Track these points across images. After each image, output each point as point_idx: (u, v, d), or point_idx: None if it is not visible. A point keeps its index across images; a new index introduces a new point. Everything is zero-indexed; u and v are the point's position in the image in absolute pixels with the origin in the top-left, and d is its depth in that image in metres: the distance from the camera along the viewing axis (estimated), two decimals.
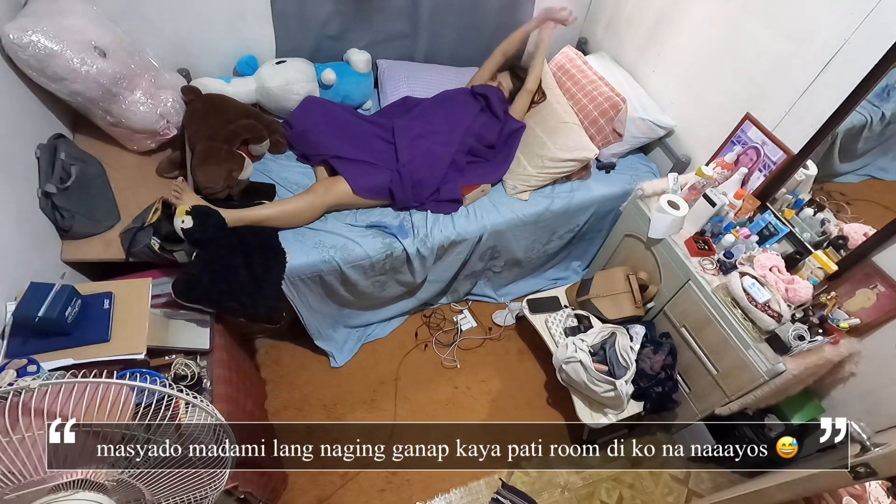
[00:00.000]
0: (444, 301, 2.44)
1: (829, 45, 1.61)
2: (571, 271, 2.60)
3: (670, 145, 2.29)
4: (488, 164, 2.18)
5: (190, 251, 1.62)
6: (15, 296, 1.32)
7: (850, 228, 1.68)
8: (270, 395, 2.05)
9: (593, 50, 2.61)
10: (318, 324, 2.08)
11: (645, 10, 2.27)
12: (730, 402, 1.77)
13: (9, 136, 1.47)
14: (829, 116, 1.64)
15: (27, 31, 1.43)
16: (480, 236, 2.08)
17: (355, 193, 1.91)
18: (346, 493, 1.87)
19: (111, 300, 1.38)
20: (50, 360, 1.24)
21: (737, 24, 1.88)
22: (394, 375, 2.20)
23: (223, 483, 1.04)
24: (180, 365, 1.40)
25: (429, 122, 2.11)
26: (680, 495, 2.05)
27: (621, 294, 2.03)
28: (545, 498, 1.97)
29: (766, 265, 1.68)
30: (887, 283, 1.57)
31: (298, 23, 2.14)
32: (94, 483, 0.88)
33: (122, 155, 1.85)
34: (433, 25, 2.34)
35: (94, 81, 1.56)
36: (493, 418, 2.13)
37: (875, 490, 1.62)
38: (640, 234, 1.99)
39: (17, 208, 1.46)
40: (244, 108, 1.95)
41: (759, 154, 1.89)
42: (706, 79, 2.06)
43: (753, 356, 1.63)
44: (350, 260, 1.86)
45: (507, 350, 2.36)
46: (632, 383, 1.87)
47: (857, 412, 1.73)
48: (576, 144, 2.11)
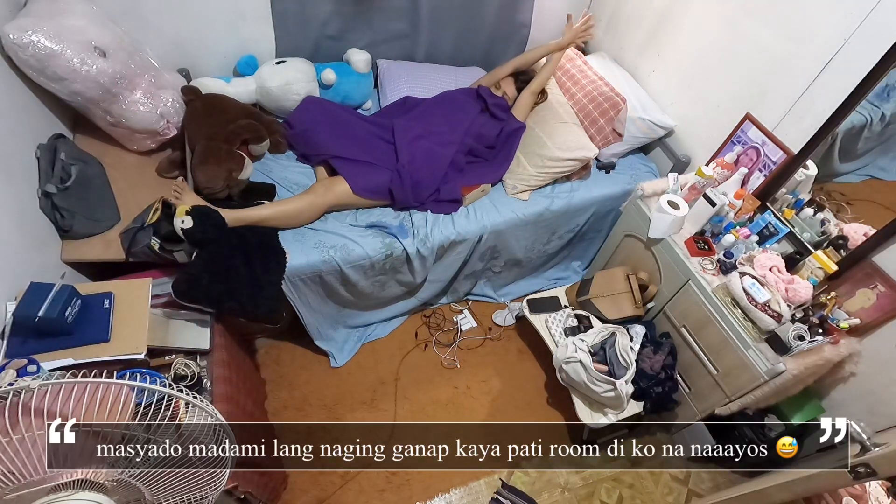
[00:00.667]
0: (444, 301, 2.44)
1: (829, 45, 1.61)
2: (571, 271, 2.60)
3: (670, 145, 2.29)
4: (488, 164, 2.18)
5: (190, 251, 1.62)
6: (15, 296, 1.32)
7: (850, 228, 1.68)
8: (270, 395, 2.05)
9: (593, 50, 2.61)
10: (318, 324, 2.08)
11: (645, 10, 2.27)
12: (730, 402, 1.77)
13: (9, 136, 1.47)
14: (829, 116, 1.64)
15: (27, 31, 1.43)
16: (480, 236, 2.08)
17: (355, 194, 1.91)
18: (346, 493, 1.87)
19: (111, 300, 1.38)
20: (50, 360, 1.24)
21: (737, 24, 1.88)
22: (394, 375, 2.20)
23: (223, 483, 1.04)
24: (180, 365, 1.40)
25: (429, 123, 2.11)
26: (680, 495, 2.05)
27: (621, 294, 2.03)
28: (545, 498, 1.97)
29: (766, 265, 1.68)
30: (887, 283, 1.57)
31: (298, 23, 2.14)
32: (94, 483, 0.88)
33: (122, 155, 1.85)
34: (433, 25, 2.34)
35: (94, 81, 1.56)
36: (493, 418, 2.13)
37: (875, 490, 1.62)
38: (640, 234, 1.99)
39: (18, 208, 1.46)
40: (244, 108, 1.95)
41: (759, 154, 1.89)
42: (706, 79, 2.06)
43: (753, 356, 1.63)
44: (350, 260, 1.86)
45: (507, 350, 2.36)
46: (632, 383, 1.87)
47: (857, 412, 1.73)
48: (575, 144, 2.11)
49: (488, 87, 2.25)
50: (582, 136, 2.16)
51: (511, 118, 2.19)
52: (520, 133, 2.20)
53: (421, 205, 2.03)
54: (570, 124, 2.18)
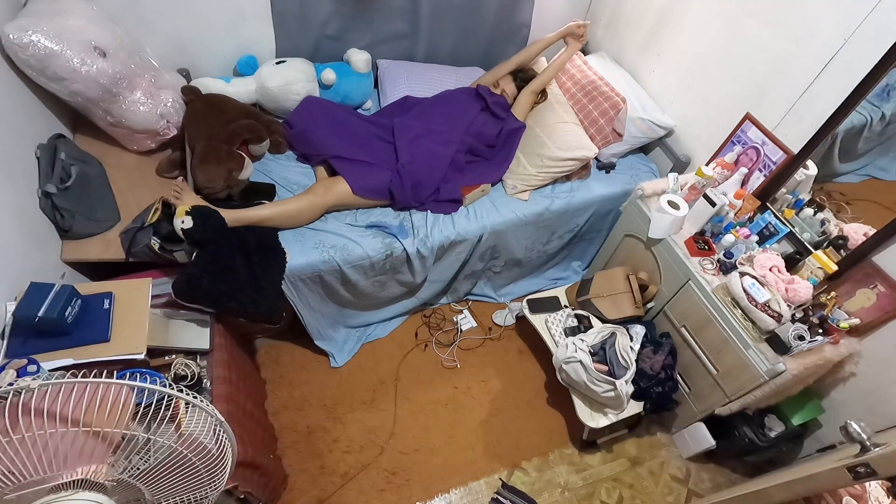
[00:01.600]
0: (444, 301, 2.44)
1: (829, 45, 1.61)
2: (571, 271, 2.60)
3: (670, 145, 2.29)
4: (488, 164, 2.18)
5: (190, 251, 1.62)
6: (15, 296, 1.33)
7: (850, 228, 1.69)
8: (270, 395, 2.05)
9: (593, 50, 2.61)
10: (318, 324, 2.08)
11: (645, 10, 2.27)
12: (730, 402, 1.77)
13: (9, 136, 1.47)
14: (829, 116, 1.64)
15: (27, 31, 1.43)
16: (480, 236, 2.08)
17: (355, 194, 1.91)
18: (346, 493, 1.87)
19: (111, 300, 1.38)
20: (50, 360, 1.24)
21: (737, 24, 1.88)
22: (394, 375, 2.20)
23: (223, 483, 1.04)
24: (180, 365, 1.40)
25: (428, 121, 2.11)
26: (680, 495, 2.05)
27: (621, 294, 2.03)
28: (545, 498, 1.97)
29: (766, 265, 1.68)
30: (887, 283, 1.57)
31: (298, 23, 2.14)
32: (94, 483, 0.88)
33: (122, 155, 1.85)
34: (433, 25, 2.34)
35: (94, 81, 1.56)
36: (493, 418, 2.13)
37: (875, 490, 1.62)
38: (640, 234, 1.99)
39: (18, 208, 1.46)
40: (244, 108, 1.95)
41: (759, 154, 1.89)
42: (706, 79, 2.06)
43: (753, 356, 1.63)
44: (350, 260, 1.86)
45: (507, 350, 2.36)
46: (632, 383, 1.87)
47: (857, 412, 1.73)
48: (575, 143, 2.12)
49: (487, 86, 2.26)
50: (582, 135, 2.16)
51: (511, 117, 2.19)
52: (520, 133, 2.20)
53: (421, 205, 2.03)
54: (570, 124, 2.18)
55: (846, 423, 1.32)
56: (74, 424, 0.82)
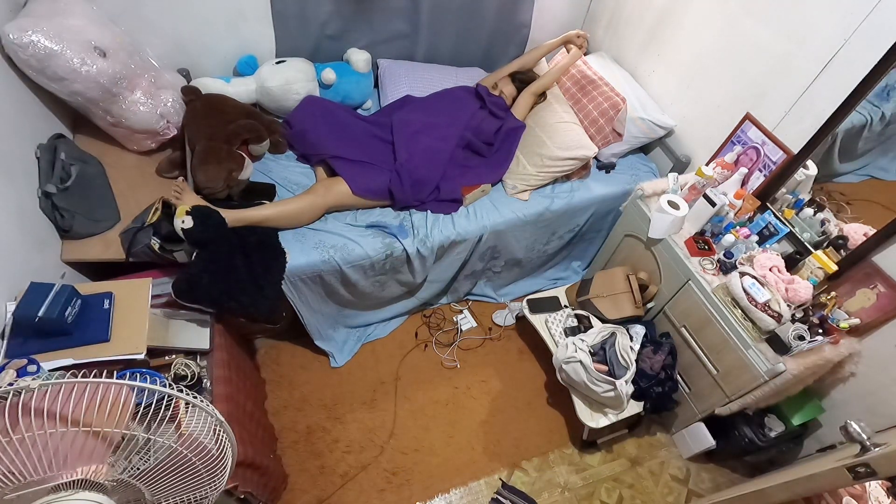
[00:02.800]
0: (444, 301, 2.44)
1: (829, 45, 1.61)
2: (571, 271, 2.60)
3: (670, 145, 2.29)
4: (488, 164, 2.18)
5: (190, 251, 1.62)
6: (15, 296, 1.33)
7: (850, 228, 1.69)
8: (270, 395, 2.05)
9: (593, 50, 2.61)
10: (318, 324, 2.08)
11: (645, 10, 2.27)
12: (730, 402, 1.77)
13: (9, 136, 1.47)
14: (829, 116, 1.64)
15: (27, 31, 1.43)
16: (480, 236, 2.08)
17: (355, 194, 1.91)
18: (346, 493, 1.87)
19: (111, 300, 1.38)
20: (50, 360, 1.24)
21: (737, 23, 1.88)
22: (394, 375, 2.20)
23: (223, 483, 1.04)
24: (180, 365, 1.40)
25: (427, 115, 2.11)
26: (680, 495, 2.05)
27: (621, 294, 2.03)
28: (545, 498, 1.97)
29: (766, 265, 1.68)
30: (887, 283, 1.57)
31: (298, 23, 2.14)
32: (94, 483, 0.88)
33: (122, 155, 1.85)
34: (433, 25, 2.34)
35: (94, 81, 1.56)
36: (493, 418, 2.13)
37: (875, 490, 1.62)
38: (640, 234, 1.99)
39: (18, 208, 1.46)
40: (244, 108, 1.95)
41: (759, 154, 1.89)
42: (706, 79, 2.06)
43: (753, 356, 1.63)
44: (350, 260, 1.86)
45: (507, 350, 2.36)
46: (632, 383, 1.87)
47: (857, 412, 1.73)
48: (575, 143, 2.12)
49: (486, 87, 2.26)
50: (581, 135, 2.16)
51: (510, 116, 2.19)
52: (519, 132, 2.20)
53: (421, 204, 2.03)
54: (570, 123, 2.18)
55: (846, 423, 1.32)
56: (74, 424, 0.82)
